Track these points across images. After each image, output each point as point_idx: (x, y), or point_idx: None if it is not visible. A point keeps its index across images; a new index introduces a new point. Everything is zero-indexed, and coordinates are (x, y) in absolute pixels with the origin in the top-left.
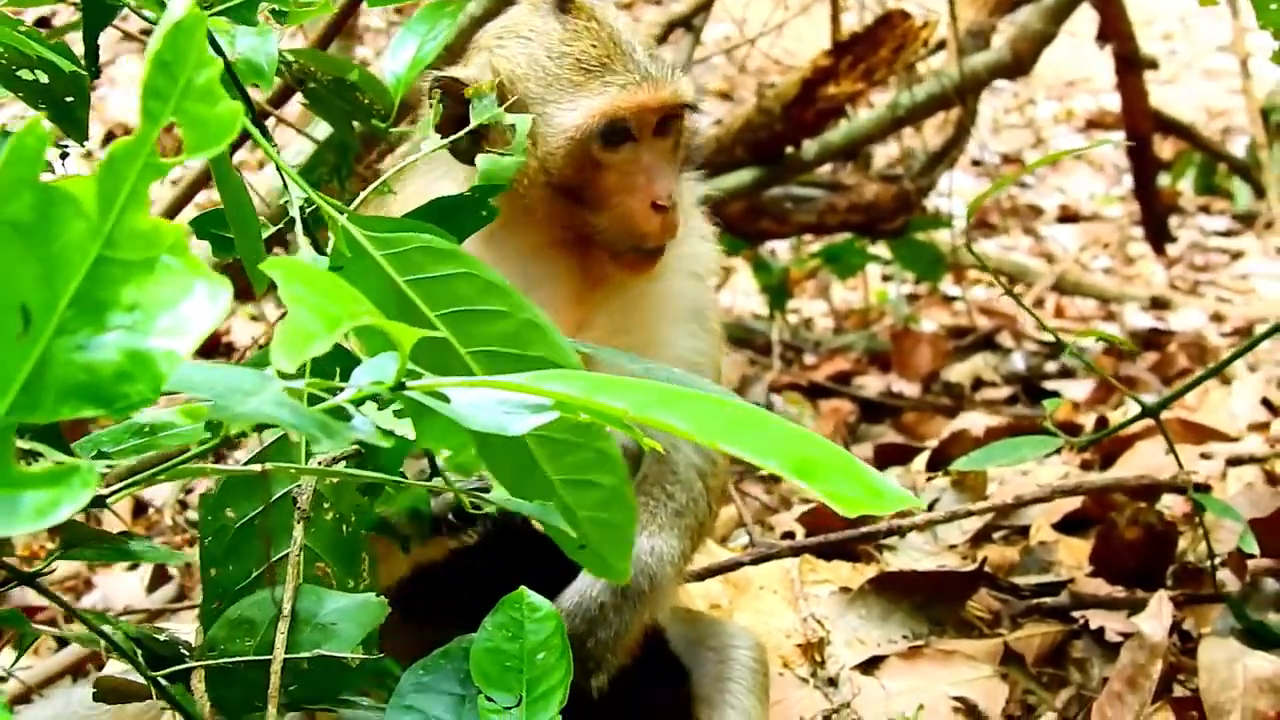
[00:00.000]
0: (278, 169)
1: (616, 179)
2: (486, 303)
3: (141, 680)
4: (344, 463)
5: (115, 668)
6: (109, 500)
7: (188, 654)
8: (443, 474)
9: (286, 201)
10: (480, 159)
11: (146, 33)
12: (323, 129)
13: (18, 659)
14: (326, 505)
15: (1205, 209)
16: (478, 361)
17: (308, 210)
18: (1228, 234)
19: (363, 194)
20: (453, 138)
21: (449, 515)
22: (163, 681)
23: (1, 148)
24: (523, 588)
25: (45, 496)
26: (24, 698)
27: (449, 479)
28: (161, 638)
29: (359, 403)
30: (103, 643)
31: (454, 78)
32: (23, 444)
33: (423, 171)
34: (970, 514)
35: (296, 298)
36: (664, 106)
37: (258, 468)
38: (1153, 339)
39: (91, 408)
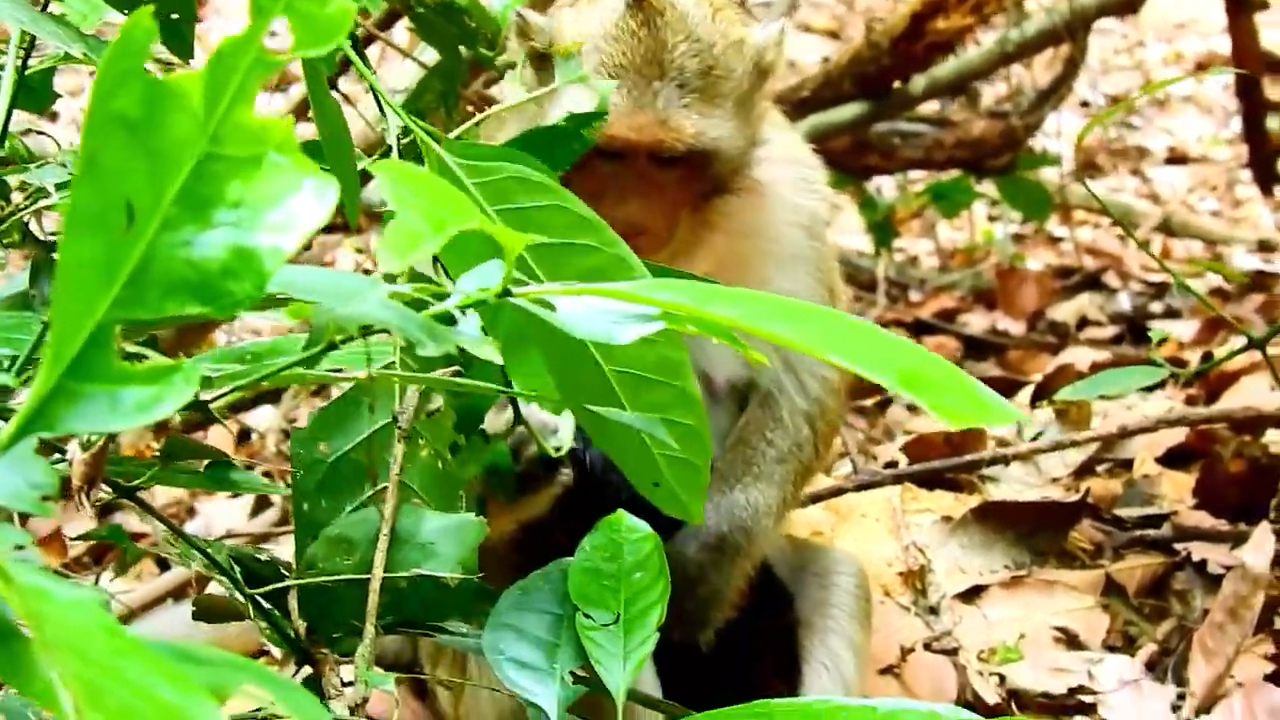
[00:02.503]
0: (374, 94)
1: (594, 183)
2: (577, 236)
3: (240, 600)
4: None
5: (217, 589)
6: (212, 405)
7: (288, 574)
8: (525, 421)
9: (384, 129)
10: (558, 116)
11: None
12: (430, 54)
13: (118, 575)
14: (422, 442)
15: None
16: None
17: (403, 140)
18: None
19: (455, 133)
20: (533, 95)
21: (536, 467)
22: (260, 600)
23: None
24: (620, 510)
25: (148, 393)
26: (125, 621)
27: (530, 425)
28: (262, 558)
29: (464, 309)
30: (203, 563)
31: (529, 23)
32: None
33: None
34: (1074, 444)
35: (403, 200)
36: (647, 145)
37: (362, 373)
38: (1259, 281)
39: (196, 304)
